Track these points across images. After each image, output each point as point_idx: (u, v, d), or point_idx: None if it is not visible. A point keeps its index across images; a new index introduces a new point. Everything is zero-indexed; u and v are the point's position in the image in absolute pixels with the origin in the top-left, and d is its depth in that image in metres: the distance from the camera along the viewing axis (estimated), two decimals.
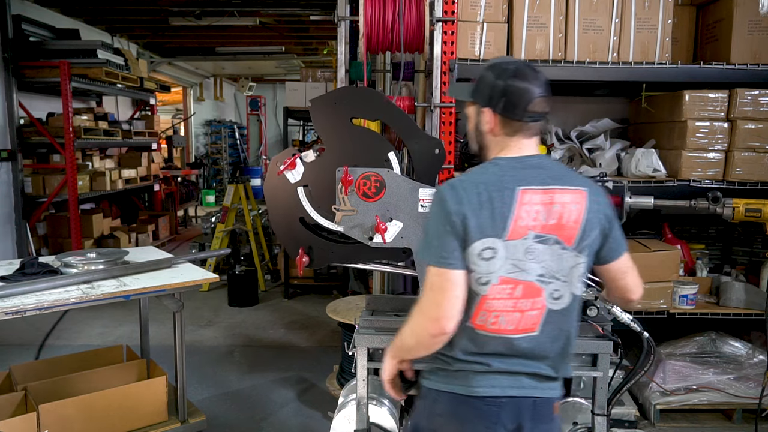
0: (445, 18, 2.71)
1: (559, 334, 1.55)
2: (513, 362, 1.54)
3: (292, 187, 2.13)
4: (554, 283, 1.51)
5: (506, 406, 1.53)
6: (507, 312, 1.50)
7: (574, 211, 1.50)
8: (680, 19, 3.39)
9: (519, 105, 1.51)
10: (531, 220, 1.48)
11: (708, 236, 3.93)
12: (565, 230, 1.50)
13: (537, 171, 1.52)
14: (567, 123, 3.82)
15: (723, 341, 3.49)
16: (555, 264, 1.50)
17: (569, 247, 1.51)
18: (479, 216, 1.46)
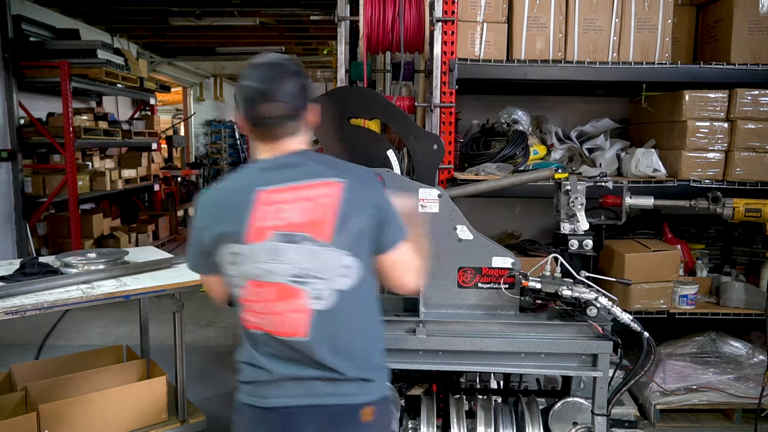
0: (445, 18, 2.71)
1: (339, 334, 1.47)
2: (299, 368, 1.48)
3: None
4: (314, 283, 1.44)
5: (300, 416, 1.48)
6: (268, 314, 1.47)
7: (326, 206, 1.44)
8: (680, 19, 3.39)
9: (253, 110, 1.47)
10: (274, 220, 1.43)
11: (708, 236, 3.93)
12: (318, 226, 1.43)
13: (285, 170, 1.47)
14: (567, 123, 3.83)
15: (723, 341, 3.49)
16: (311, 263, 1.43)
17: (326, 243, 1.43)
18: (220, 225, 1.48)
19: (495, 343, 2.03)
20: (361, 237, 1.47)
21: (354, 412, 1.50)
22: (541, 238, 3.85)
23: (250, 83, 1.47)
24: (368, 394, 1.52)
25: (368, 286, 1.54)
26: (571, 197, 2.38)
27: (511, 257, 2.12)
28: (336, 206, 1.44)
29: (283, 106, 1.47)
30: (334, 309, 1.46)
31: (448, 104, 2.79)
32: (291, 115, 1.49)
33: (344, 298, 1.46)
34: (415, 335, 2.02)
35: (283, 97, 1.46)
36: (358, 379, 1.51)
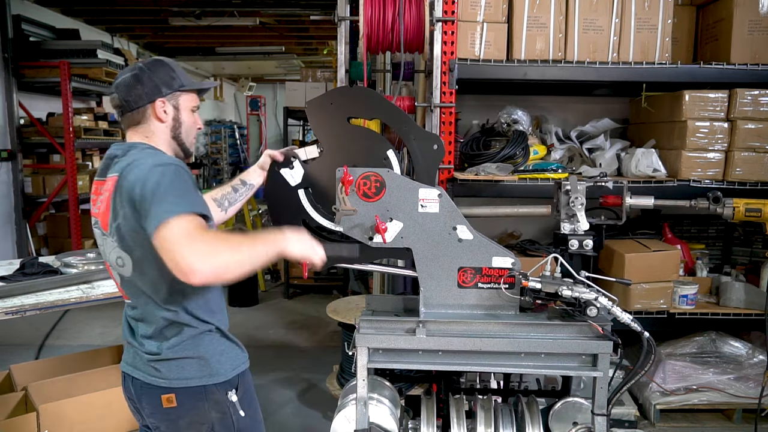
0: (445, 18, 2.71)
1: (131, 313, 1.71)
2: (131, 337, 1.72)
3: (293, 190, 2.13)
4: (113, 266, 1.67)
5: (126, 380, 1.74)
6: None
7: (105, 199, 1.62)
8: (680, 19, 3.39)
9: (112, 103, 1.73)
10: (95, 207, 1.68)
11: (708, 236, 3.93)
12: (103, 218, 1.63)
13: (107, 162, 1.67)
14: (567, 123, 3.83)
15: (723, 341, 3.49)
16: (105, 249, 1.67)
17: (106, 233, 1.63)
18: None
19: (495, 343, 2.03)
20: (125, 230, 1.56)
21: (155, 393, 1.65)
22: (541, 238, 3.85)
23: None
24: (165, 380, 1.64)
25: (150, 276, 1.60)
26: (571, 197, 2.38)
27: (511, 257, 2.12)
28: (109, 200, 1.60)
29: (115, 99, 1.69)
30: (126, 290, 1.69)
31: (448, 104, 2.79)
32: (120, 106, 1.69)
33: (128, 284, 1.66)
34: (415, 335, 2.02)
35: (115, 90, 1.68)
36: (151, 360, 1.65)
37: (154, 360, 1.64)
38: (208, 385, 1.65)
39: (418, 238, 2.06)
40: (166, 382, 1.63)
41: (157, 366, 1.64)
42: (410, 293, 3.21)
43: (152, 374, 1.64)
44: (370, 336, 2.03)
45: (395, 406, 2.24)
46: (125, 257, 1.60)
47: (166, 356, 1.63)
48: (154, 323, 1.64)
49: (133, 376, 1.69)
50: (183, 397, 1.63)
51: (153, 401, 1.65)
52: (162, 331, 1.64)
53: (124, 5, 7.03)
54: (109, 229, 1.60)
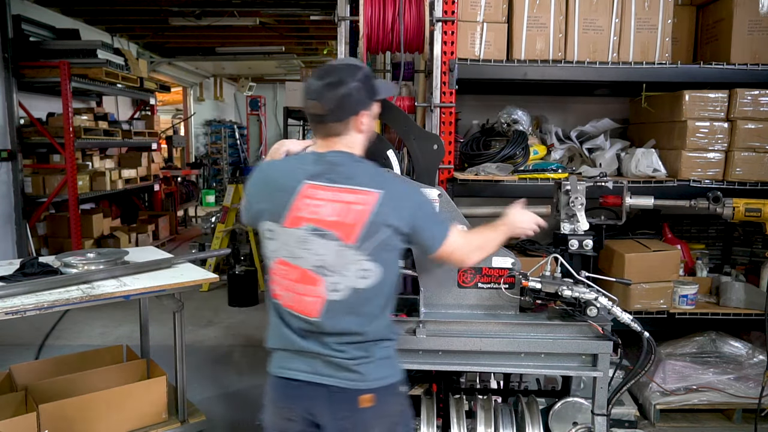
0: (445, 18, 2.71)
1: (343, 325, 1.61)
2: (307, 343, 1.63)
3: None
4: (333, 277, 1.58)
5: (301, 390, 1.64)
6: (287, 291, 1.64)
7: (356, 212, 1.57)
8: (680, 19, 3.38)
9: (304, 104, 1.64)
10: (309, 212, 1.58)
11: (708, 236, 3.93)
12: (346, 228, 1.56)
13: (333, 169, 1.61)
14: (567, 123, 3.83)
15: (723, 341, 3.49)
16: (332, 259, 1.57)
17: (350, 245, 1.57)
18: (263, 201, 1.66)
19: (495, 343, 2.03)
20: (384, 246, 1.60)
21: (353, 396, 1.62)
22: (541, 238, 3.84)
23: (311, 79, 1.64)
24: (363, 382, 1.62)
25: (388, 285, 1.66)
26: (571, 197, 2.38)
27: (511, 257, 2.12)
28: (367, 215, 1.57)
29: (323, 108, 1.60)
30: (346, 300, 1.60)
31: (448, 104, 2.79)
32: (332, 117, 1.61)
33: (359, 294, 1.60)
34: (415, 335, 2.02)
35: (324, 99, 1.59)
36: (358, 365, 1.62)
37: (358, 364, 1.63)
38: (397, 381, 1.71)
39: None
40: (366, 384, 1.63)
41: (360, 369, 1.63)
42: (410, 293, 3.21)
43: (351, 378, 1.63)
44: None
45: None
46: (374, 269, 1.59)
47: (373, 358, 1.65)
48: (369, 330, 1.64)
49: (321, 383, 1.63)
50: (381, 395, 1.65)
51: (348, 405, 1.63)
52: (376, 336, 1.66)
53: (124, 5, 7.02)
54: (358, 241, 1.57)
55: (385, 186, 1.61)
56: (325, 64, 1.67)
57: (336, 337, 1.62)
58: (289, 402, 1.66)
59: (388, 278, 1.64)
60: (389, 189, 1.61)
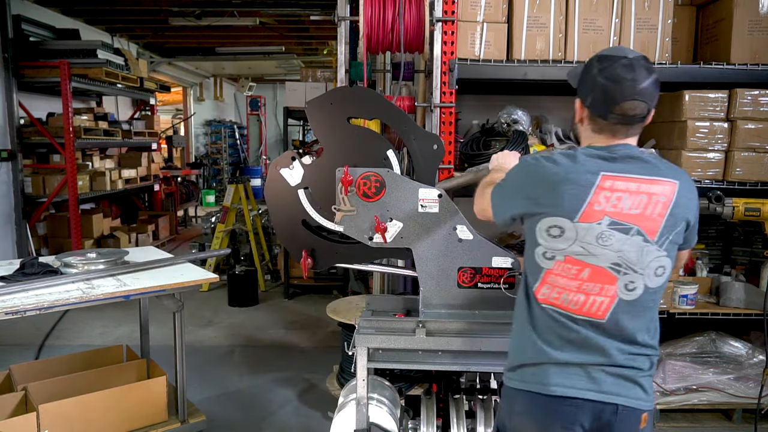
0: (445, 18, 2.71)
1: (633, 325, 1.48)
2: (587, 356, 1.47)
3: (293, 190, 2.13)
4: (630, 275, 1.46)
5: (583, 409, 1.46)
6: (570, 291, 1.48)
7: (660, 204, 1.46)
8: (680, 19, 3.39)
9: (605, 105, 1.48)
10: (609, 206, 1.45)
11: (708, 236, 3.93)
12: (648, 221, 1.45)
13: (630, 161, 1.49)
14: (567, 123, 3.82)
15: (723, 341, 3.49)
16: (634, 255, 1.45)
17: (651, 240, 1.46)
18: (547, 195, 1.49)
19: (495, 343, 2.03)
20: (675, 241, 1.50)
21: (636, 416, 1.48)
22: None
23: (623, 76, 1.46)
24: (646, 401, 1.50)
25: (663, 289, 1.54)
26: None
27: (511, 257, 2.12)
28: (668, 206, 1.46)
29: (645, 107, 1.48)
30: (637, 302, 1.48)
31: (448, 104, 2.79)
32: (647, 116, 1.50)
33: (649, 295, 1.49)
34: (415, 335, 2.02)
35: (647, 97, 1.47)
36: (643, 378, 1.50)
37: (643, 376, 1.50)
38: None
39: (418, 238, 2.06)
40: (648, 403, 1.51)
41: (645, 383, 1.51)
42: (410, 293, 3.21)
43: (637, 396, 1.49)
44: (370, 336, 2.03)
45: (395, 406, 2.24)
46: (668, 266, 1.49)
47: (652, 372, 1.53)
48: (649, 337, 1.52)
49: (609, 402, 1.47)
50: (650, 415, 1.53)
51: (632, 425, 1.49)
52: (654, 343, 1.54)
53: (124, 5, 7.02)
54: (659, 236, 1.46)
55: (679, 176, 1.51)
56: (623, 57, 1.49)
57: (623, 345, 1.48)
58: (567, 422, 1.47)
59: (668, 278, 1.53)
60: (683, 179, 1.51)
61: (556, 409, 1.48)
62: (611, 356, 1.47)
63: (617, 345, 1.48)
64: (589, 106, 1.53)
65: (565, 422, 1.47)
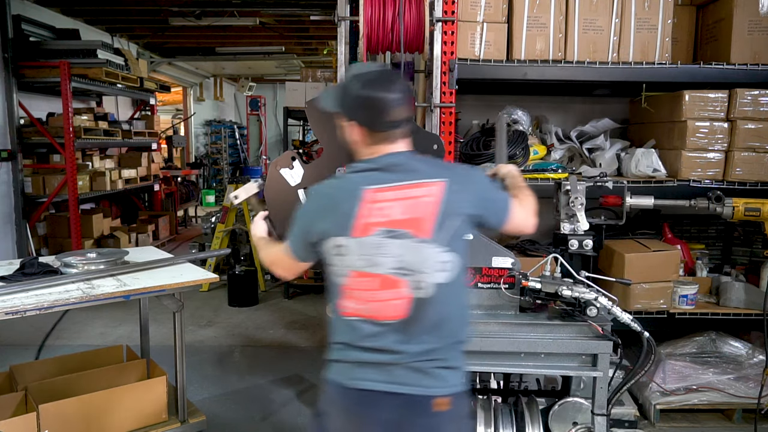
0: (445, 18, 2.71)
1: (429, 323, 1.58)
2: (387, 355, 1.59)
3: (293, 190, 2.13)
4: (415, 275, 1.56)
5: (380, 400, 1.60)
6: (370, 302, 1.59)
7: (428, 205, 1.56)
8: (680, 19, 3.38)
9: (380, 116, 1.59)
10: (379, 217, 1.55)
11: (708, 236, 3.93)
12: (419, 223, 1.55)
13: (392, 169, 1.60)
14: (567, 123, 3.83)
15: (723, 341, 3.49)
16: (412, 257, 1.55)
17: (426, 239, 1.55)
18: (327, 220, 1.61)
19: (495, 343, 2.03)
20: (458, 234, 1.60)
21: (427, 403, 1.59)
22: (541, 238, 3.84)
23: (373, 92, 1.59)
24: (445, 387, 1.61)
25: (463, 278, 1.66)
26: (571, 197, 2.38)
27: (511, 257, 2.12)
28: (437, 205, 1.56)
29: (406, 110, 1.61)
30: (432, 298, 1.57)
31: (448, 104, 2.79)
32: (409, 118, 1.64)
33: (443, 290, 1.58)
34: None
35: (405, 101, 1.60)
36: (438, 368, 1.60)
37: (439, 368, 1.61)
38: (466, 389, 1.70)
39: None
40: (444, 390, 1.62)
41: (442, 373, 1.62)
42: None
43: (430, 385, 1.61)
44: None
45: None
46: (452, 260, 1.58)
47: (453, 363, 1.64)
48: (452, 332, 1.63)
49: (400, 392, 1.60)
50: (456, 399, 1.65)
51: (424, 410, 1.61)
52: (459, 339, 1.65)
53: (124, 5, 7.02)
54: (433, 234, 1.55)
55: (447, 173, 1.61)
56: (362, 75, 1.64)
57: (420, 342, 1.58)
58: (365, 412, 1.62)
59: (463, 269, 1.63)
60: (453, 175, 1.62)
61: (358, 400, 1.63)
62: (408, 353, 1.58)
63: (416, 341, 1.58)
64: (362, 123, 1.61)
65: (364, 412, 1.62)
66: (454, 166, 1.76)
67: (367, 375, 1.61)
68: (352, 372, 1.63)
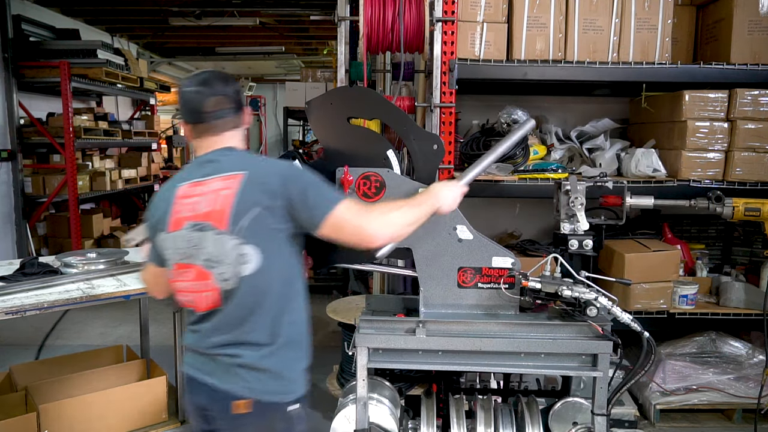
0: (445, 18, 2.71)
1: (232, 317, 1.63)
2: (200, 344, 1.69)
3: None
4: (219, 266, 1.61)
5: (195, 386, 1.70)
6: (189, 292, 1.68)
7: (224, 197, 1.61)
8: (680, 19, 3.38)
9: (193, 109, 1.69)
10: (188, 211, 1.64)
11: (708, 236, 3.93)
12: (217, 215, 1.61)
13: (205, 165, 1.69)
14: (567, 123, 3.82)
15: (723, 341, 3.49)
16: (213, 248, 1.60)
17: (224, 231, 1.60)
18: (155, 215, 1.73)
19: (495, 343, 2.03)
20: (259, 226, 1.60)
21: (226, 400, 1.63)
22: (541, 238, 3.85)
23: (191, 86, 1.70)
24: (245, 390, 1.64)
25: (280, 273, 1.66)
26: (571, 197, 2.38)
27: (511, 257, 2.12)
28: (233, 197, 1.60)
29: (218, 103, 1.69)
30: (238, 291, 1.62)
31: (448, 104, 2.79)
32: (224, 111, 1.70)
33: (248, 283, 1.61)
34: (415, 335, 2.02)
35: (216, 95, 1.69)
36: (239, 366, 1.64)
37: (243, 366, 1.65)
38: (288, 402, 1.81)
39: (418, 238, 2.06)
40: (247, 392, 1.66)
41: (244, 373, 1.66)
42: (410, 293, 3.21)
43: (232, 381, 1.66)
44: (370, 336, 2.03)
45: (395, 406, 2.24)
46: (253, 254, 1.60)
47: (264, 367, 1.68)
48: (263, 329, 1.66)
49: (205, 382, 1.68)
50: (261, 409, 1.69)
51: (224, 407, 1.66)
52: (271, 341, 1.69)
53: (124, 5, 7.02)
54: (230, 225, 1.59)
55: (250, 167, 1.65)
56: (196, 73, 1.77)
57: (221, 334, 1.65)
58: (188, 397, 1.77)
59: (276, 266, 1.64)
60: (254, 168, 1.66)
61: (188, 386, 1.75)
62: (212, 344, 1.66)
63: (218, 333, 1.65)
64: (183, 118, 1.74)
65: (188, 397, 1.76)
66: (265, 160, 1.80)
67: (189, 360, 1.73)
68: (185, 357, 1.76)
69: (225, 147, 1.72)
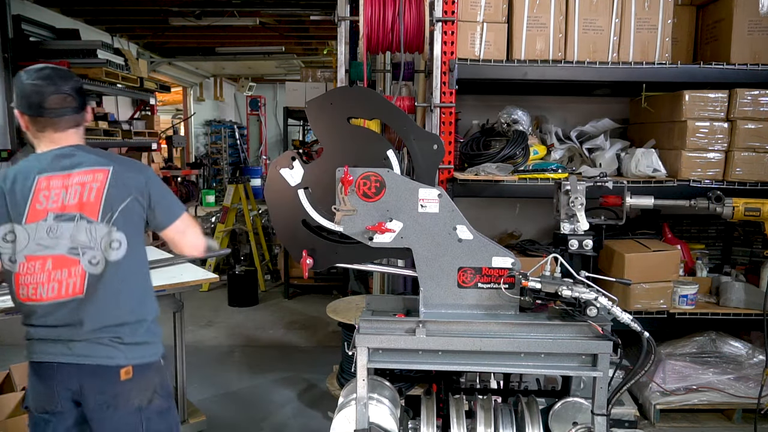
0: (445, 18, 2.71)
1: (104, 300, 1.78)
2: (66, 329, 1.78)
3: (293, 190, 2.12)
4: (89, 252, 1.77)
5: (61, 371, 1.80)
6: (44, 284, 1.76)
7: (94, 189, 1.77)
8: (680, 19, 3.39)
9: (37, 103, 1.76)
10: (50, 203, 1.75)
11: (708, 236, 3.93)
12: (88, 206, 1.77)
13: (63, 160, 1.79)
14: (567, 123, 3.83)
15: (723, 341, 3.49)
16: (84, 236, 1.76)
17: (96, 221, 1.77)
18: (1, 206, 1.77)
19: (495, 343, 2.03)
20: (127, 214, 1.81)
21: (113, 372, 1.80)
22: (541, 238, 3.85)
23: (34, 80, 1.76)
24: (126, 359, 1.82)
25: (139, 258, 1.88)
26: (571, 197, 2.38)
27: (511, 257, 2.12)
28: (102, 190, 1.78)
29: (63, 101, 1.78)
30: (107, 274, 1.79)
31: (448, 104, 2.79)
32: (70, 108, 1.80)
33: (117, 268, 1.80)
34: (415, 335, 2.02)
35: (65, 91, 1.79)
36: (118, 342, 1.81)
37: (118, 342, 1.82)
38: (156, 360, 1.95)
39: (418, 238, 2.06)
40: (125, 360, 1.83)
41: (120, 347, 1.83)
42: (410, 293, 3.21)
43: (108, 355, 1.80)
44: (370, 336, 2.03)
45: (395, 406, 2.24)
46: (123, 240, 1.80)
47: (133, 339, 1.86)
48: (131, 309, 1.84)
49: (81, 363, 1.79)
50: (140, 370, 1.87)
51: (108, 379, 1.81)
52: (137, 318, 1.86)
53: (124, 5, 7.02)
54: (102, 216, 1.77)
55: (112, 163, 1.82)
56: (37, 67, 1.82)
57: (97, 318, 1.77)
58: (47, 383, 1.82)
59: (138, 252, 1.85)
60: (117, 164, 1.83)
61: (40, 373, 1.84)
62: (87, 325, 1.78)
63: (95, 315, 1.78)
64: (23, 110, 1.80)
65: (46, 383, 1.82)
66: (122, 157, 1.94)
67: (47, 349, 1.81)
68: (35, 347, 1.84)
69: (74, 144, 1.84)
